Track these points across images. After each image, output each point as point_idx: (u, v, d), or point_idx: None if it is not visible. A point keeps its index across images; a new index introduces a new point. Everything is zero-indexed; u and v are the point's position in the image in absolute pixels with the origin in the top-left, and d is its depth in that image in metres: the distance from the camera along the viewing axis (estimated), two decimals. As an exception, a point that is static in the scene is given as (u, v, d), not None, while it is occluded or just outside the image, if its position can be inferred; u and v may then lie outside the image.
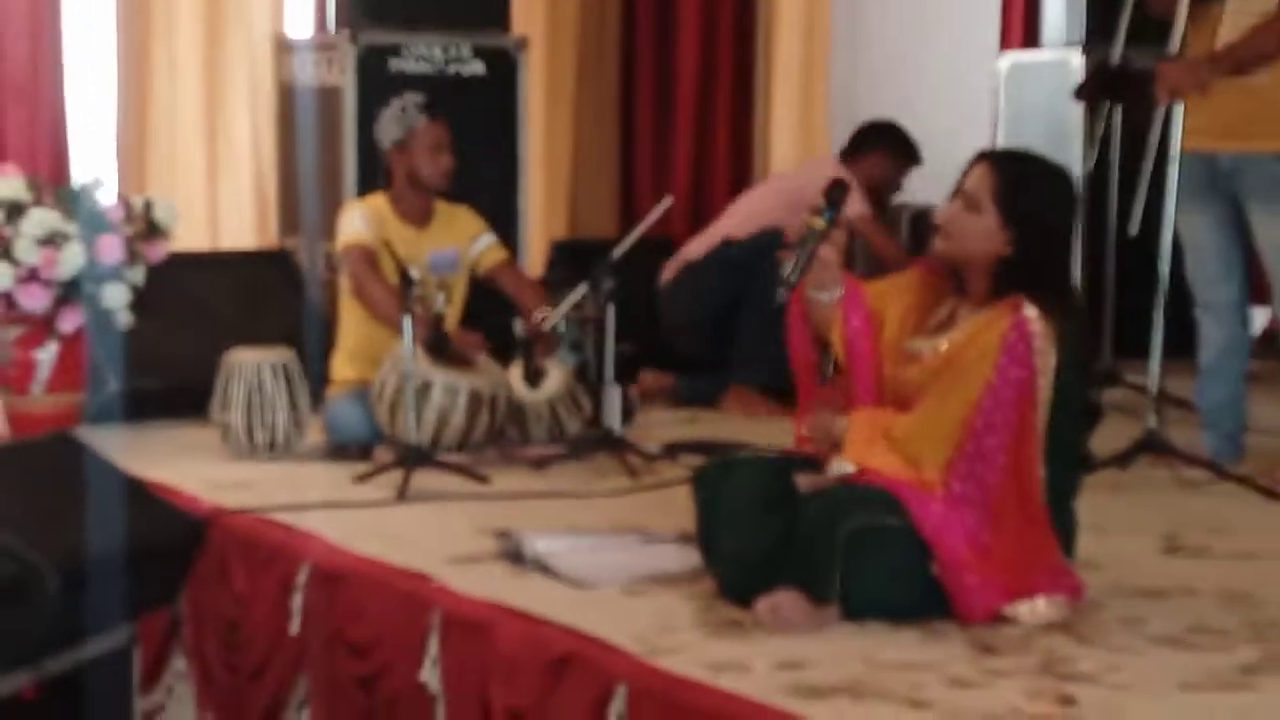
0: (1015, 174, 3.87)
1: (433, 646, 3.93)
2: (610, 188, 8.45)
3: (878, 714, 3.21)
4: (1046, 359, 3.75)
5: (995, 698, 3.30)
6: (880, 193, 7.19)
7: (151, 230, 5.72)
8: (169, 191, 7.33)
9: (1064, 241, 3.91)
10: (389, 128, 5.79)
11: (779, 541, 3.83)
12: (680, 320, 6.83)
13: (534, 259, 7.51)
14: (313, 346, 6.04)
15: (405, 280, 5.18)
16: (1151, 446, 5.31)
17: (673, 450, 5.66)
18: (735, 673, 3.41)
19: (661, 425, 6.21)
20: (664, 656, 3.51)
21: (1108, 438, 5.41)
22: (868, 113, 8.57)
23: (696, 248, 6.91)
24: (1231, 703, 3.32)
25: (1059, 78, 7.79)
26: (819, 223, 3.93)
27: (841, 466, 3.87)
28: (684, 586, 4.03)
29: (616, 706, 3.40)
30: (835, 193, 3.96)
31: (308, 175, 6.85)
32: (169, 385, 6.05)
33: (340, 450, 5.64)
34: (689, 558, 4.15)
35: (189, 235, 7.34)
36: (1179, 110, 5.31)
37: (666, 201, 5.73)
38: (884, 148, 7.21)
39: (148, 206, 5.77)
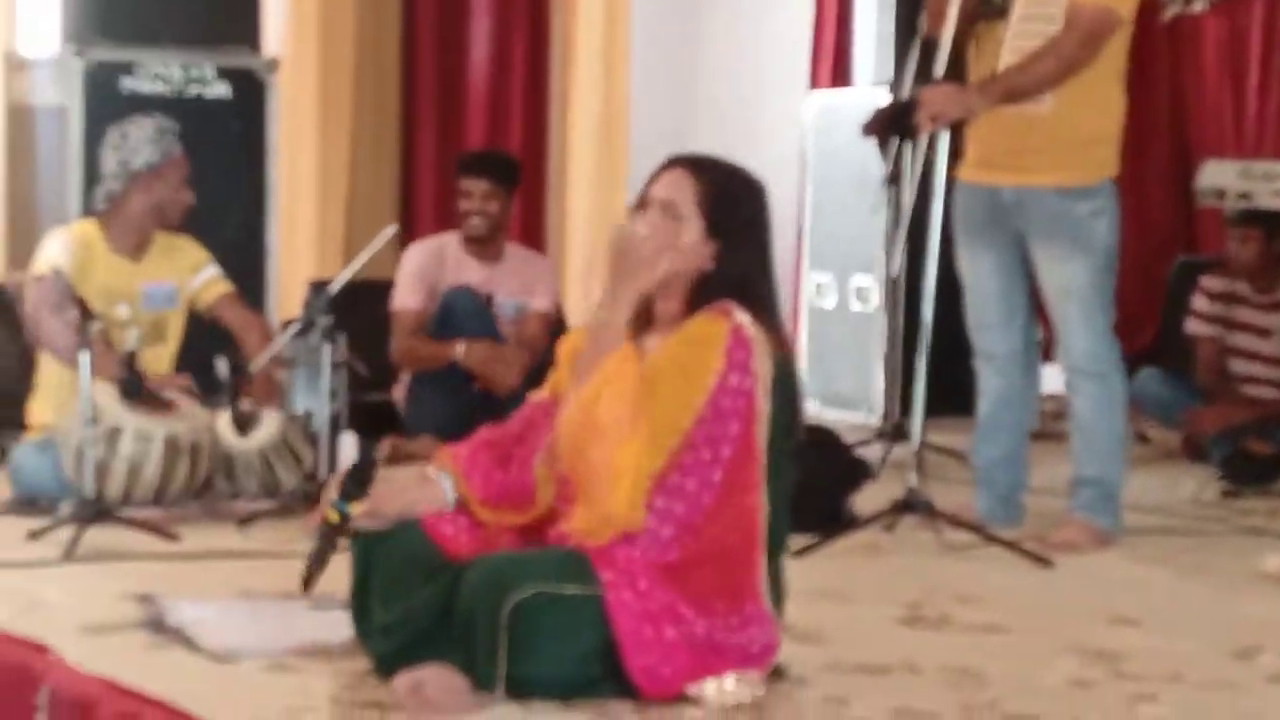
0: (718, 181, 3.44)
1: (39, 726, 3.41)
2: (389, 221, 7.87)
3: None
4: (764, 368, 3.33)
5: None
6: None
7: None
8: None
9: (768, 257, 3.49)
10: (143, 149, 5.26)
11: (437, 613, 3.35)
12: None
13: (291, 299, 6.97)
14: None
15: (84, 315, 4.66)
16: (912, 506, 4.87)
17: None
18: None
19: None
20: (279, 745, 3.03)
21: (883, 498, 5.02)
22: (672, 150, 8.14)
23: None
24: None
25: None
26: (334, 515, 3.45)
27: None
28: (339, 660, 3.56)
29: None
30: (354, 480, 3.46)
31: (40, 202, 6.31)
32: None
33: (27, 504, 5.09)
34: (358, 627, 3.65)
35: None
36: (944, 140, 4.93)
37: (389, 231, 5.25)
38: None
39: None
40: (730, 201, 3.43)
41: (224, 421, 5.13)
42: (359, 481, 3.42)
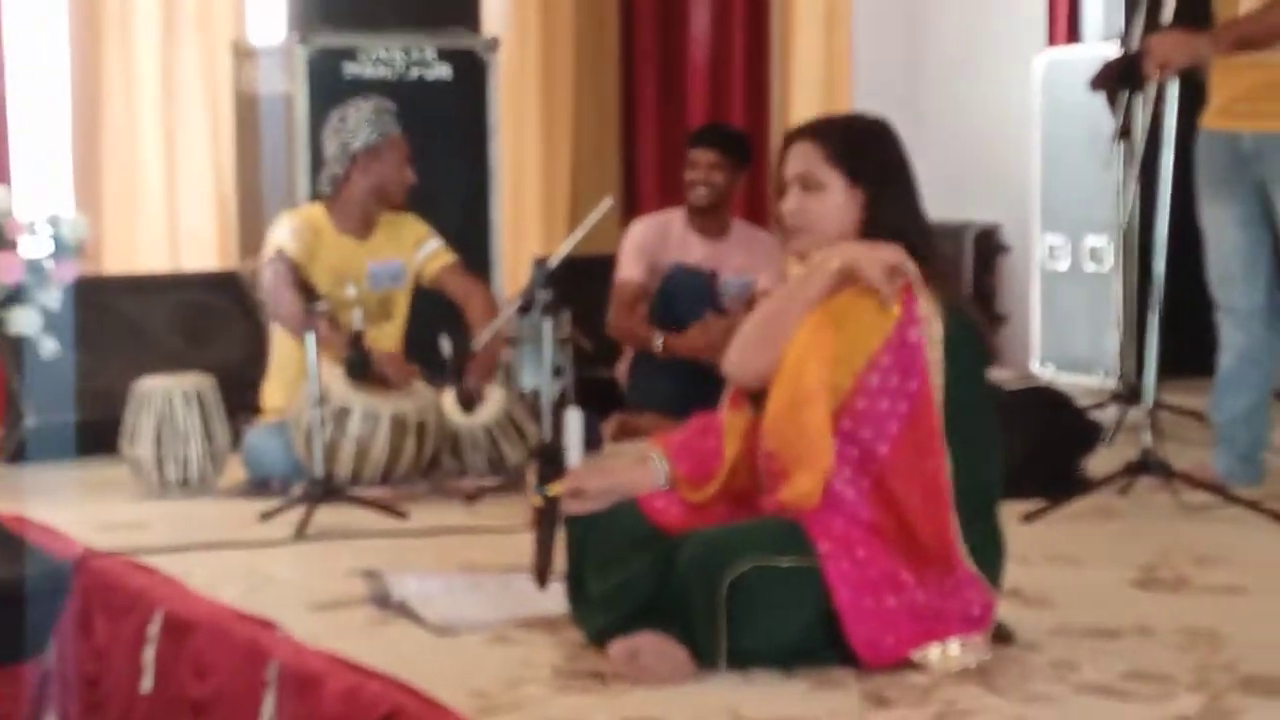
0: (837, 133, 3.43)
1: (269, 705, 3.45)
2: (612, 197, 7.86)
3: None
4: (932, 327, 3.27)
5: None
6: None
7: (58, 248, 5.27)
8: (127, 211, 6.92)
9: (912, 186, 3.43)
10: (361, 130, 5.32)
11: (651, 586, 3.34)
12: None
13: (518, 277, 7.00)
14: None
15: (308, 296, 4.72)
16: (1147, 467, 4.73)
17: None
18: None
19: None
20: (499, 714, 3.05)
21: (1118, 460, 4.89)
22: (895, 114, 8.03)
23: None
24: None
25: (1096, 73, 7.22)
26: (537, 500, 3.47)
27: None
28: (560, 632, 3.55)
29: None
30: (544, 460, 3.46)
31: (267, 190, 6.41)
32: (97, 419, 5.57)
33: (261, 486, 5.18)
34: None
35: (149, 257, 6.95)
36: (1173, 89, 4.79)
37: (606, 203, 5.23)
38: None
39: (53, 223, 5.31)
40: (859, 146, 3.40)
41: (449, 399, 5.18)
42: (550, 460, 3.42)
